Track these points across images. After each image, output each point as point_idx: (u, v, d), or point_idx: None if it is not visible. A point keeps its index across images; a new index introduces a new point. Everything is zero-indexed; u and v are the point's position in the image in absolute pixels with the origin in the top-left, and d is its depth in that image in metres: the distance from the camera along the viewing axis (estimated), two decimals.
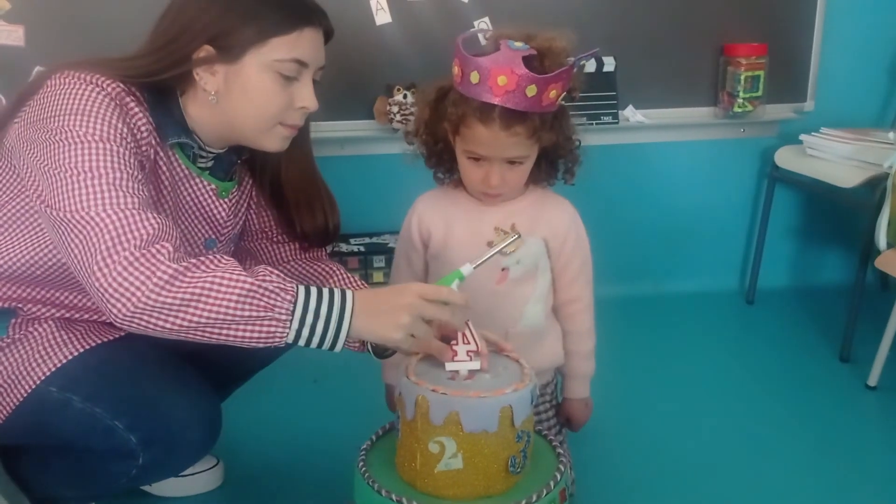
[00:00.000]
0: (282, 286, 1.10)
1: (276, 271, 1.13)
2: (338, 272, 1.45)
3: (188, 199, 1.33)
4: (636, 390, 2.02)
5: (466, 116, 1.21)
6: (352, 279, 1.44)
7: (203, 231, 1.37)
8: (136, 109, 1.21)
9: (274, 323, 1.09)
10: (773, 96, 2.54)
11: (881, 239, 1.99)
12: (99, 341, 1.29)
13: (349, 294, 1.13)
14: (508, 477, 1.11)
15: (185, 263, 1.08)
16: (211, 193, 1.36)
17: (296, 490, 1.63)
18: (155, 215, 1.12)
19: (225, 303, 1.07)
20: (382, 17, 2.36)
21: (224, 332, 1.08)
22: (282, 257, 1.50)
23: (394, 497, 1.08)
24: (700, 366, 2.22)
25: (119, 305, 1.05)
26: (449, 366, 1.14)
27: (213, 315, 1.07)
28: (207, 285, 1.07)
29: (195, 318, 1.06)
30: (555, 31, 1.23)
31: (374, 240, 2.48)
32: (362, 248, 2.45)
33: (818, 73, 2.59)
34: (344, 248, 2.44)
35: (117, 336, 1.31)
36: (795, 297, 2.71)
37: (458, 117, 1.22)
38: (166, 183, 1.28)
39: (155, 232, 1.10)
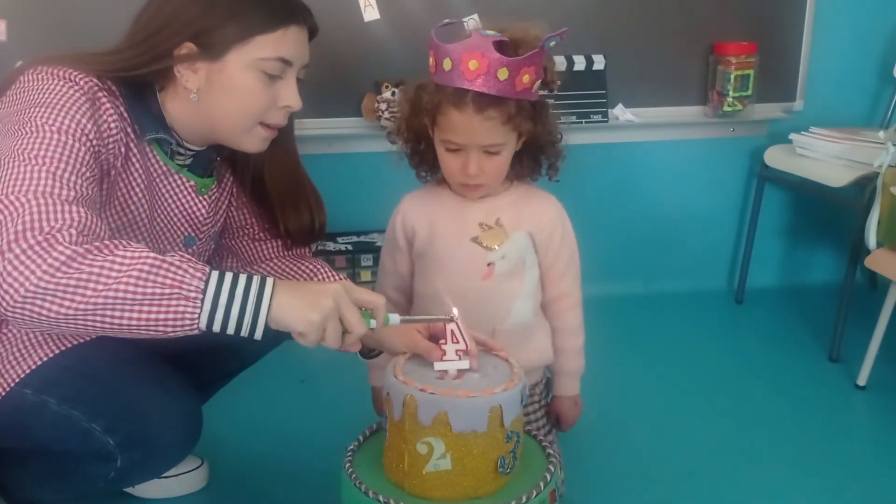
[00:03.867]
0: (192, 264, 1.03)
1: (189, 256, 1.06)
2: (322, 270, 1.42)
3: (166, 195, 1.31)
4: (625, 390, 2.01)
5: (441, 104, 1.22)
6: (336, 277, 1.42)
7: (182, 228, 1.35)
8: (108, 105, 1.18)
9: (182, 302, 1.00)
10: (763, 95, 2.54)
11: (871, 238, 1.98)
12: (76, 342, 1.26)
13: (269, 278, 1.07)
14: (498, 478, 1.09)
15: (86, 246, 1.00)
16: (190, 190, 1.34)
17: (282, 491, 1.61)
18: (85, 210, 1.06)
19: (125, 280, 0.99)
20: (370, 13, 2.34)
21: (126, 314, 0.99)
22: (264, 255, 1.47)
23: (381, 499, 1.06)
24: (689, 365, 2.22)
25: (12, 291, 0.97)
26: (437, 365, 1.12)
27: (111, 294, 0.98)
28: (108, 264, 0.99)
29: (92, 300, 0.98)
30: (529, 23, 1.23)
31: (362, 238, 2.47)
32: (350, 247, 2.43)
33: (808, 72, 2.60)
34: (331, 246, 2.43)
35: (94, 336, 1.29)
36: (784, 297, 2.72)
37: (433, 106, 1.23)
38: (139, 179, 1.25)
39: (72, 223, 1.03)
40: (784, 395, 2.03)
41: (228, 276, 1.05)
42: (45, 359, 1.24)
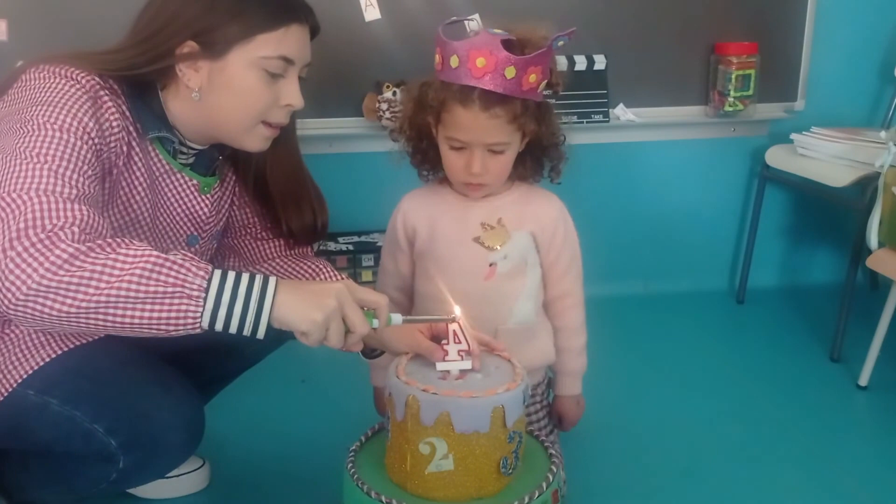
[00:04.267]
0: (194, 262, 1.03)
1: (191, 254, 1.06)
2: (325, 270, 1.42)
3: (168, 194, 1.31)
4: (627, 390, 2.01)
5: (447, 101, 1.21)
6: (339, 277, 1.42)
7: (185, 227, 1.35)
8: (110, 103, 1.18)
9: (185, 301, 1.00)
10: (764, 95, 2.54)
11: (872, 238, 1.98)
12: (78, 343, 1.26)
13: (272, 277, 1.07)
14: (500, 478, 1.09)
15: (88, 244, 1.00)
16: (192, 189, 1.33)
17: (283, 491, 1.60)
18: (87, 208, 1.06)
19: (128, 278, 0.99)
20: (372, 13, 2.34)
21: (129, 312, 0.99)
22: (266, 254, 1.47)
23: (383, 499, 1.06)
24: (690, 365, 2.21)
25: (14, 289, 0.97)
26: (440, 365, 1.12)
27: (114, 292, 0.98)
28: (110, 262, 0.99)
29: (94, 298, 0.98)
30: (536, 23, 1.23)
31: (363, 238, 2.46)
32: (351, 247, 2.43)
33: (809, 72, 2.60)
34: (332, 246, 2.42)
35: (97, 337, 1.29)
36: (786, 297, 2.71)
37: (439, 103, 1.22)
38: (141, 178, 1.25)
39: (75, 221, 1.02)
40: (785, 395, 2.03)
41: (231, 275, 1.04)
42: (47, 360, 1.23)
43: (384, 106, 2.31)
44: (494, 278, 1.31)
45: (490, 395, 1.06)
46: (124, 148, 1.21)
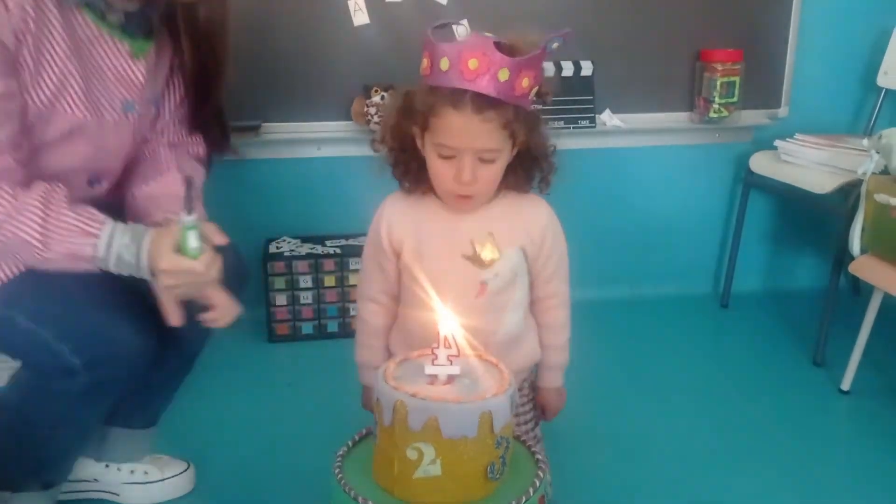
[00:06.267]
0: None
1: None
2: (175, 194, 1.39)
3: (98, 60, 1.30)
4: (611, 394, 2.02)
5: (436, 105, 1.17)
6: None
7: (118, 93, 1.34)
8: None
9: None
10: (749, 102, 2.56)
11: (855, 244, 2.00)
12: None
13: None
14: (487, 483, 1.09)
15: None
16: (124, 53, 1.33)
17: (269, 496, 1.60)
18: None
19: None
20: (360, 17, 2.34)
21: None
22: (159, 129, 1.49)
23: None
24: (674, 370, 2.23)
25: None
26: (428, 370, 1.12)
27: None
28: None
29: None
30: (525, 29, 1.21)
31: (351, 242, 2.46)
32: (338, 251, 2.42)
33: (793, 79, 2.62)
34: (320, 250, 2.42)
35: None
36: (769, 302, 2.74)
37: (427, 108, 1.18)
38: (63, 46, 1.23)
39: None
40: (768, 399, 2.05)
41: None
42: (10, 276, 1.26)
43: (373, 110, 2.31)
44: (486, 295, 1.29)
45: (478, 400, 1.06)
46: (32, 12, 1.18)
